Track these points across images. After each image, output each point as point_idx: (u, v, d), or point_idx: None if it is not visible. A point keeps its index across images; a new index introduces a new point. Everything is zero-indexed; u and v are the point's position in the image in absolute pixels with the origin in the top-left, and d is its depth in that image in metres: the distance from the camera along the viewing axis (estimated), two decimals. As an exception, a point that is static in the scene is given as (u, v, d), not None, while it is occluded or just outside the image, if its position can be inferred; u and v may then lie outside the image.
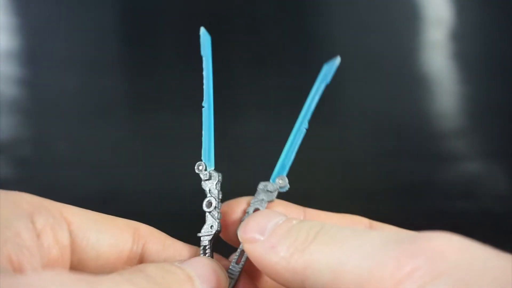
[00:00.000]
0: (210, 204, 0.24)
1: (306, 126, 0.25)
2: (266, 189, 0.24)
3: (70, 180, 0.50)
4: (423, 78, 0.53)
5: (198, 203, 0.24)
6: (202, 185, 0.25)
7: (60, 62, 0.52)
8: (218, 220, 0.24)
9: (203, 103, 0.25)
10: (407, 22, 0.54)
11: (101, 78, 0.53)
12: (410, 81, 0.53)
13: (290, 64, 0.53)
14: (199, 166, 0.25)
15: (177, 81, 0.53)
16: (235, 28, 0.54)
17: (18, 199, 0.21)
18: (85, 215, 0.22)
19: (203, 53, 0.26)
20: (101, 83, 0.53)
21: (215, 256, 0.24)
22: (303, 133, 0.25)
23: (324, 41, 0.54)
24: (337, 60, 0.25)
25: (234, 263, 0.23)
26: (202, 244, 0.24)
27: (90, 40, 0.53)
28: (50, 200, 0.22)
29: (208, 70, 0.26)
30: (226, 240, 0.25)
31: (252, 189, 0.25)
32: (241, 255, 0.23)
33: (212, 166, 0.25)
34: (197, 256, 0.24)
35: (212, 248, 0.24)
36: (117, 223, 0.23)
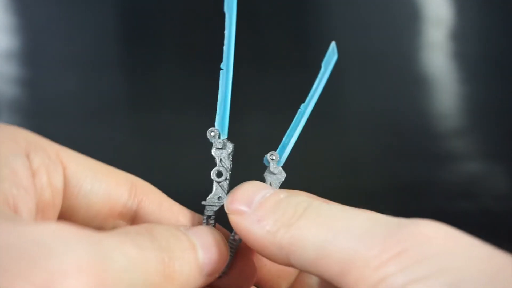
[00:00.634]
0: (220, 174, 0.23)
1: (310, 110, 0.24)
2: (269, 172, 0.23)
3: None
4: (423, 78, 0.53)
5: (198, 203, 0.24)
6: (213, 152, 0.24)
7: (60, 62, 0.52)
8: (227, 192, 0.23)
9: (222, 65, 0.24)
10: (407, 22, 0.54)
11: (101, 78, 0.53)
12: (410, 81, 0.53)
13: (290, 64, 0.53)
14: (212, 133, 0.24)
15: (177, 81, 0.53)
16: (236, 28, 0.53)
17: (15, 135, 0.20)
18: (82, 161, 0.22)
19: (227, 9, 0.24)
20: (101, 83, 0.53)
21: (217, 226, 0.23)
22: (306, 115, 0.24)
23: (324, 41, 0.54)
24: (332, 45, 0.24)
25: (233, 235, 0.23)
26: (207, 213, 0.23)
27: (90, 40, 0.53)
28: (48, 140, 0.21)
29: (230, 29, 0.24)
30: None
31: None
32: None
33: (225, 134, 0.24)
34: (197, 223, 0.23)
35: (215, 219, 0.23)
36: (114, 175, 0.22)
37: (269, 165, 0.23)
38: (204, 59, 0.54)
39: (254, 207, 0.20)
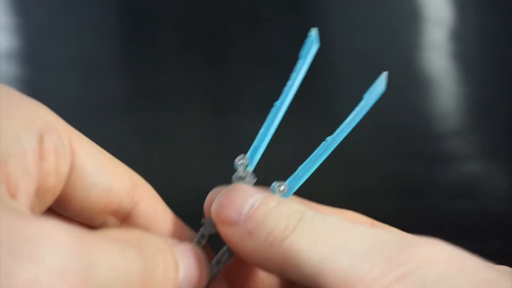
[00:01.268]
0: None
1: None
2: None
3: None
4: (423, 78, 0.53)
5: (198, 203, 0.24)
6: (233, 178, 0.23)
7: (60, 62, 0.52)
8: None
9: (277, 102, 0.23)
10: (407, 22, 0.54)
11: (101, 78, 0.53)
12: (410, 81, 0.53)
13: (290, 64, 0.53)
14: (241, 160, 0.23)
15: (177, 81, 0.52)
16: (235, 28, 0.53)
17: (33, 112, 0.19)
18: (92, 151, 0.21)
19: (303, 55, 0.24)
20: (101, 83, 0.53)
21: (207, 248, 0.23)
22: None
23: (323, 41, 0.54)
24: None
25: (220, 256, 0.22)
26: (202, 231, 0.23)
27: (90, 40, 0.53)
28: (64, 121, 0.20)
29: (298, 73, 0.24)
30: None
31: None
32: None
33: (253, 167, 0.23)
34: (187, 237, 0.23)
35: (207, 240, 0.23)
36: (119, 171, 0.22)
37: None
38: (204, 59, 0.54)
39: (244, 218, 0.20)
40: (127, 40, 0.54)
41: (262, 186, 0.22)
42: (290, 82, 0.23)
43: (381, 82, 0.22)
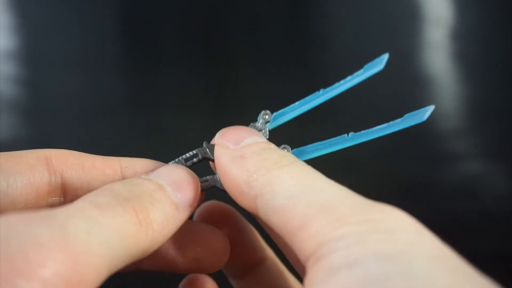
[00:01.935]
0: None
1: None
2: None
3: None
4: (423, 78, 0.53)
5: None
6: (250, 126, 0.24)
7: (60, 62, 0.52)
8: None
9: (323, 89, 0.24)
10: (408, 22, 0.54)
11: (101, 78, 0.53)
12: (410, 81, 0.53)
13: (289, 64, 0.53)
14: (266, 115, 0.24)
15: (177, 81, 0.53)
16: (235, 28, 0.54)
17: None
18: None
19: (366, 67, 0.24)
20: (101, 83, 0.53)
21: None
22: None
23: (323, 41, 0.54)
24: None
25: (204, 179, 0.22)
26: (196, 152, 0.23)
27: (90, 40, 0.53)
28: None
29: (352, 79, 0.24)
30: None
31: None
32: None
33: (271, 126, 0.24)
34: (154, 167, 0.23)
35: (193, 165, 0.23)
36: (26, 160, 0.21)
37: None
38: (204, 60, 0.54)
39: (243, 145, 0.20)
40: (127, 40, 0.54)
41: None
42: (341, 82, 0.24)
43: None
